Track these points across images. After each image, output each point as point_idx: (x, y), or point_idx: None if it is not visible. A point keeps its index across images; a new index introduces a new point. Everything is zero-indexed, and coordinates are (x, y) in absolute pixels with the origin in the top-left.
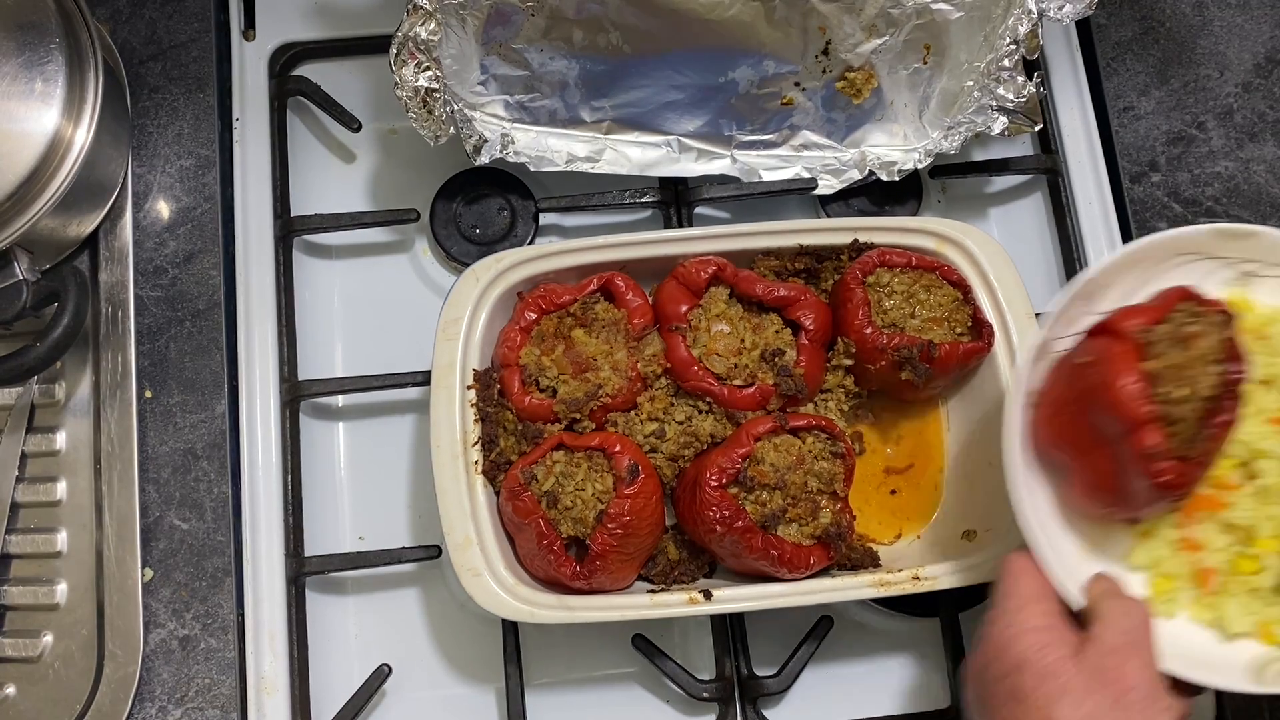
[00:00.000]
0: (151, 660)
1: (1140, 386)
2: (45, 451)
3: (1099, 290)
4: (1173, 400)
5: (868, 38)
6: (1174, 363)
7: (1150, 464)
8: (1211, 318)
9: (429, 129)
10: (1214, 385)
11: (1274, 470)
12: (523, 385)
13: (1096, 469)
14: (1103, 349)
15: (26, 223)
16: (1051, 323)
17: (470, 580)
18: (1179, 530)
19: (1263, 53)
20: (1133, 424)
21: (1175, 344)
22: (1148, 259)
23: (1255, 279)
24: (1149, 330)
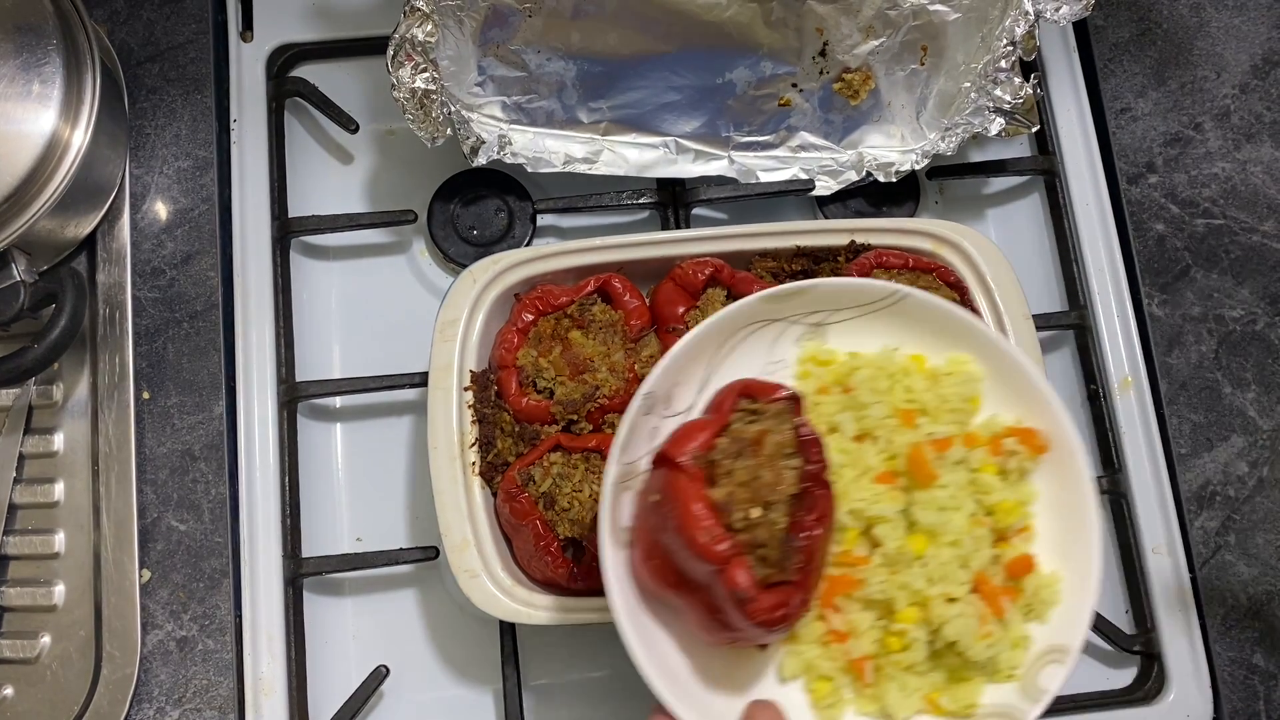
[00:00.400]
0: (149, 661)
1: (711, 524)
2: (43, 453)
3: (669, 394)
4: (751, 523)
5: (865, 39)
6: (743, 479)
7: (744, 605)
8: (773, 409)
9: (426, 130)
10: (793, 482)
11: (893, 533)
12: (520, 386)
13: (704, 607)
14: (668, 483)
15: (24, 224)
16: (619, 452)
17: (468, 581)
18: (823, 623)
19: (1260, 54)
20: (715, 564)
21: (740, 455)
22: (708, 345)
23: (827, 326)
24: (709, 450)
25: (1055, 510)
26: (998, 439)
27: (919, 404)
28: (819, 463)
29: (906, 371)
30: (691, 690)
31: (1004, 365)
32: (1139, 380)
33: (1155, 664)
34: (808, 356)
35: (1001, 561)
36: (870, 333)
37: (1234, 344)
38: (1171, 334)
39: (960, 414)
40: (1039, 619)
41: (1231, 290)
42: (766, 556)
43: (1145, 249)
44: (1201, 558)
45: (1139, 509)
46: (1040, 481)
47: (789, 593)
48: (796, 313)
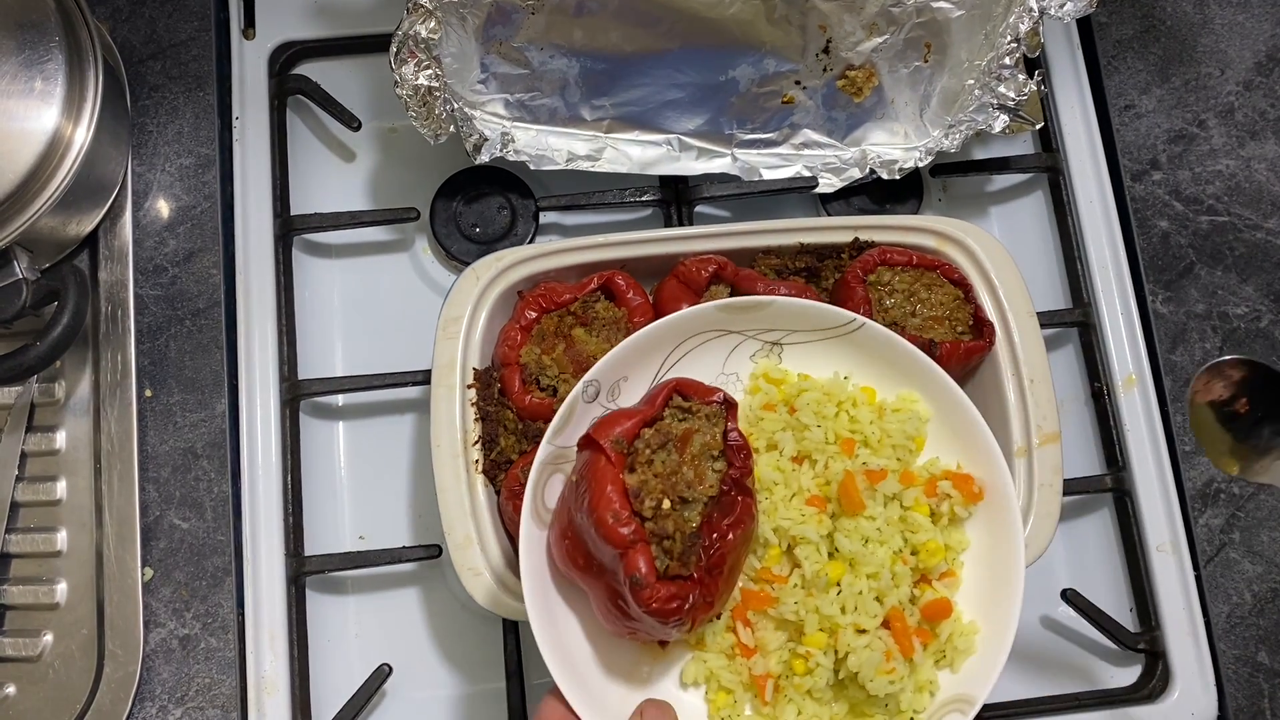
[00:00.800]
0: (152, 660)
1: (619, 507)
2: (45, 451)
3: (615, 386)
4: (660, 513)
5: (868, 36)
6: (661, 470)
7: (638, 591)
8: (707, 410)
9: (429, 128)
10: (715, 484)
11: (812, 556)
12: (523, 384)
13: (606, 593)
14: (589, 465)
15: (26, 221)
16: (552, 433)
17: (471, 579)
18: (732, 635)
19: (1264, 51)
20: (617, 547)
21: (664, 448)
22: (661, 345)
23: (784, 346)
24: (635, 437)
25: (984, 561)
26: (934, 480)
27: (862, 435)
28: (742, 469)
29: (854, 401)
30: (588, 678)
31: (952, 409)
32: (1143, 378)
33: (1160, 662)
34: (760, 372)
35: (919, 602)
36: (825, 358)
37: (1238, 341)
38: (1175, 331)
39: (901, 450)
40: (950, 666)
41: (1236, 287)
42: (670, 549)
43: (1149, 246)
44: (1206, 555)
45: (1143, 507)
46: (973, 531)
47: (687, 588)
48: (754, 328)
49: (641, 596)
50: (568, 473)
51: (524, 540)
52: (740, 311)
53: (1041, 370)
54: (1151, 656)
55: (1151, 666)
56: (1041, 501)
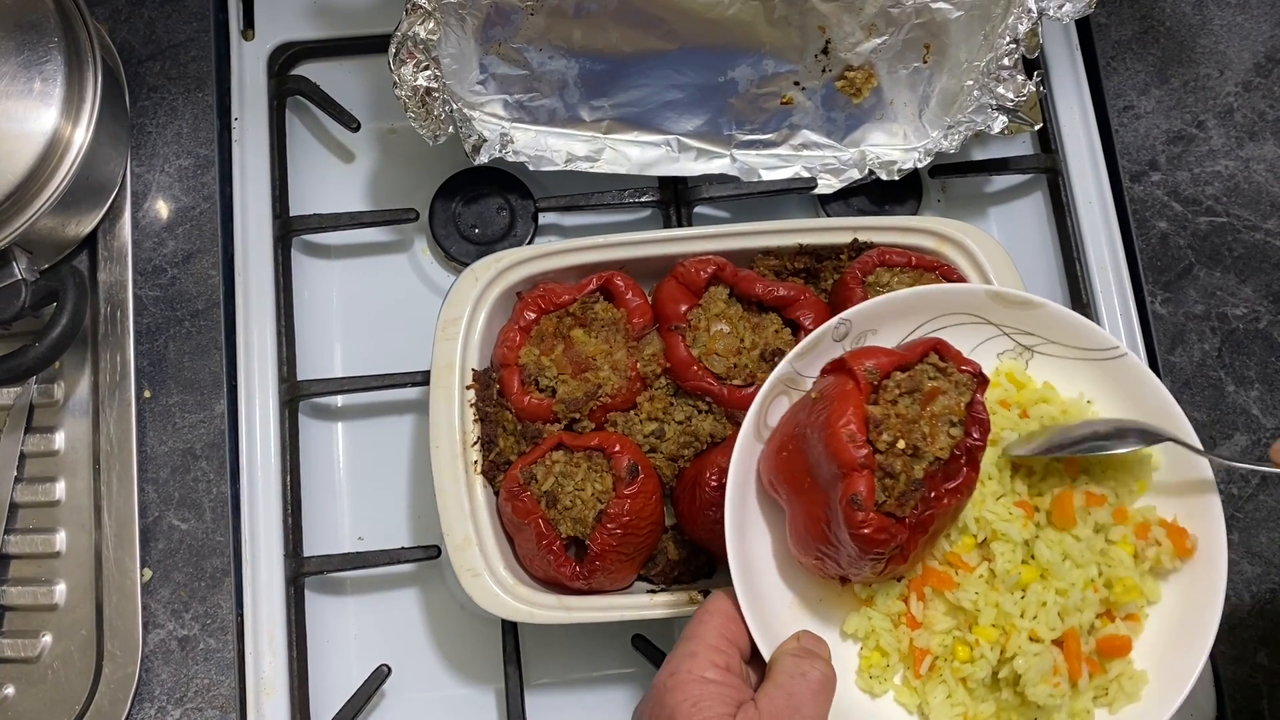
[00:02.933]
0: (150, 661)
1: (857, 429)
2: (44, 452)
3: (863, 335)
4: (893, 451)
5: (867, 37)
6: (903, 413)
7: (853, 513)
8: (958, 377)
9: (428, 128)
10: (946, 448)
11: (1008, 555)
12: (522, 385)
13: (809, 513)
14: (834, 386)
15: (25, 222)
16: (794, 355)
17: (470, 580)
18: (902, 603)
19: (1263, 52)
20: (844, 467)
21: (911, 395)
22: (920, 310)
23: (1035, 353)
24: (886, 375)
25: (1173, 620)
26: (1148, 525)
27: (1087, 461)
28: (979, 442)
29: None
30: (761, 590)
31: (1184, 463)
32: None
33: None
34: (1005, 370)
35: (1098, 634)
36: (1072, 378)
37: (1237, 342)
38: (1174, 332)
39: (1122, 489)
40: (1109, 706)
41: (1234, 288)
42: (891, 488)
43: (1148, 247)
44: None
45: None
46: (1170, 590)
47: (897, 529)
48: (1014, 326)
49: (855, 519)
50: (793, 399)
51: (738, 449)
52: (1008, 304)
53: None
54: None
55: None
56: None
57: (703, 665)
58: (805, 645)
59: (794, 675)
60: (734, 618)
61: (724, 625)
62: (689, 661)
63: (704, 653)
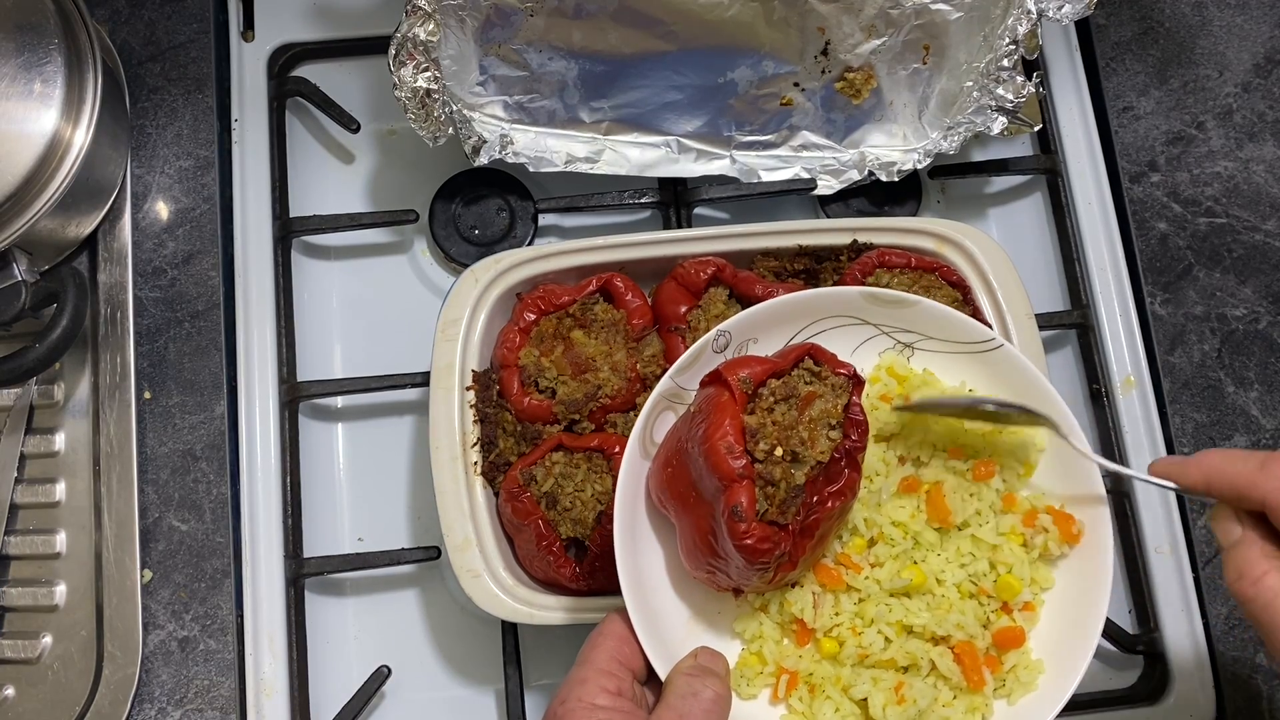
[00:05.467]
0: (150, 662)
1: (735, 440)
2: (44, 453)
3: (744, 344)
4: (772, 459)
5: (867, 38)
6: (780, 420)
7: (735, 524)
8: (834, 380)
9: (428, 130)
10: (826, 450)
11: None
12: (522, 386)
13: (697, 527)
14: (711, 399)
15: (25, 224)
16: (676, 370)
17: (469, 581)
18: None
19: (1262, 53)
20: (724, 479)
21: (787, 401)
22: (798, 316)
23: (916, 349)
24: (761, 383)
25: (1064, 606)
26: (1034, 512)
27: (971, 447)
28: (857, 443)
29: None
30: (656, 609)
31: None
32: (1141, 379)
33: (1159, 664)
34: (886, 365)
35: (993, 627)
36: (954, 370)
37: (1237, 343)
38: (1174, 333)
39: (1008, 473)
40: (1008, 698)
41: (1234, 289)
42: (772, 496)
43: (1148, 248)
44: (1204, 557)
45: (1142, 509)
46: (1061, 574)
47: (781, 537)
48: (892, 325)
49: (737, 529)
50: (679, 412)
51: (624, 468)
52: (884, 304)
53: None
54: (1150, 658)
55: (1150, 668)
56: None
57: (593, 691)
58: (701, 663)
59: (686, 695)
60: (627, 639)
61: (616, 648)
62: (579, 688)
63: (594, 678)
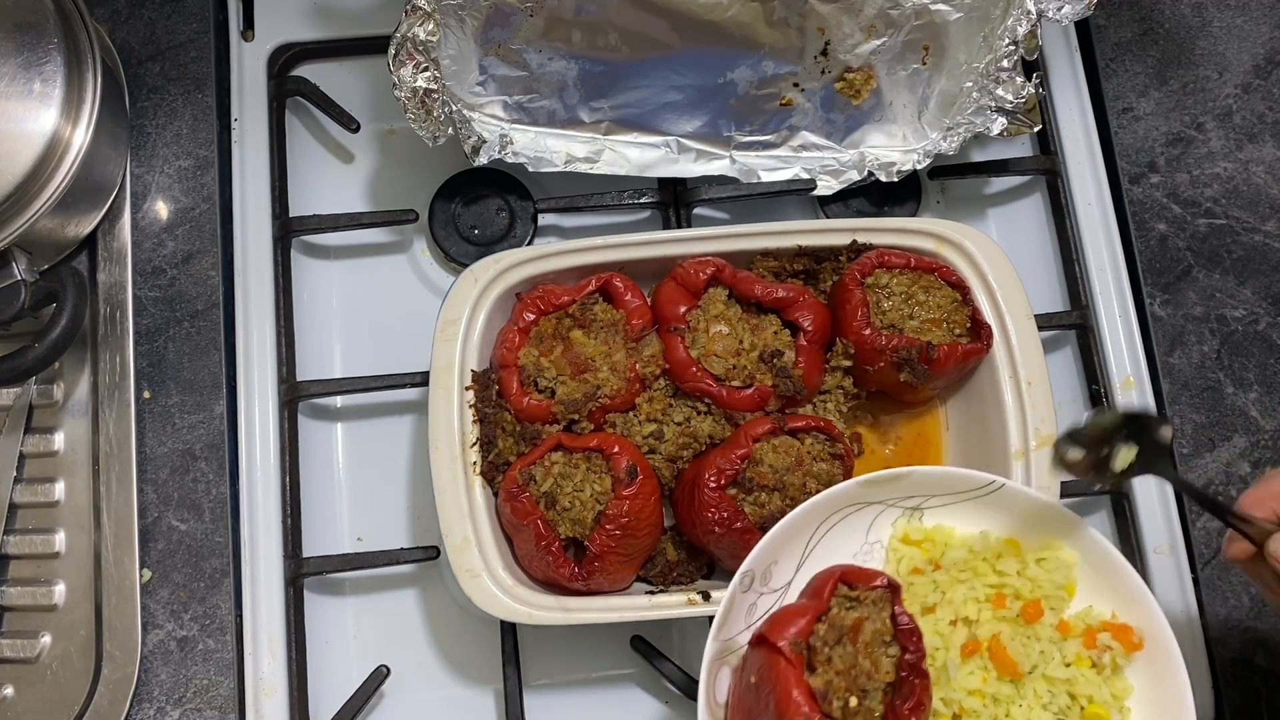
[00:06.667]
0: (150, 661)
1: (810, 712)
2: (43, 452)
3: (767, 571)
4: (849, 712)
5: (867, 38)
6: (841, 667)
7: None
8: (873, 596)
9: (427, 129)
10: (891, 670)
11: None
12: (521, 386)
13: None
14: (767, 667)
15: (25, 223)
16: (716, 629)
17: (469, 581)
18: None
19: (1262, 54)
20: None
21: (839, 641)
22: (807, 525)
23: (924, 510)
24: (810, 636)
25: (1150, 704)
26: (1093, 633)
27: (1012, 587)
28: (917, 652)
29: (999, 554)
30: None
31: (1096, 555)
32: (1141, 380)
33: None
34: (900, 535)
35: None
36: (964, 517)
37: (1236, 344)
38: (1173, 334)
39: (1054, 600)
40: None
41: (1233, 290)
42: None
43: (1147, 249)
44: (1204, 558)
45: (1141, 510)
46: (1135, 675)
47: None
48: (894, 497)
49: None
50: (733, 664)
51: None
52: (880, 485)
53: (1039, 372)
54: None
55: None
56: None
57: None
58: None
59: None
60: None
61: None
62: None
63: None
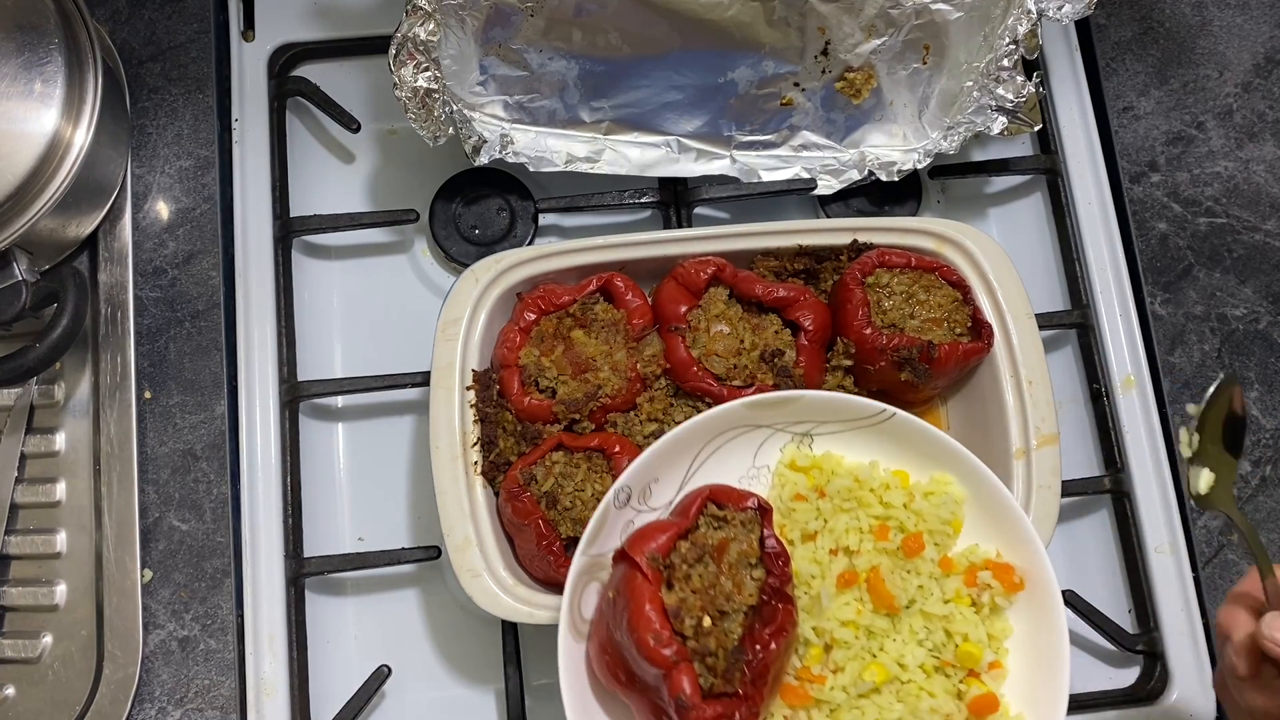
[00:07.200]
0: (151, 661)
1: (660, 626)
2: (44, 452)
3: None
4: (702, 631)
5: (867, 38)
6: (699, 586)
7: (684, 713)
8: (741, 517)
9: (428, 129)
10: (754, 593)
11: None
12: (522, 386)
13: (651, 708)
14: (625, 581)
15: (26, 223)
16: (586, 543)
17: (470, 581)
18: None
19: (1262, 53)
20: (660, 668)
21: (700, 560)
22: (690, 445)
23: (813, 436)
24: (670, 553)
25: (1028, 649)
26: (974, 569)
27: (896, 520)
28: (781, 577)
29: (886, 485)
30: None
31: (986, 492)
32: (1141, 379)
33: (1158, 664)
34: (787, 461)
35: (966, 698)
36: (855, 446)
37: (1237, 343)
38: (1174, 333)
39: (939, 535)
40: None
41: (1234, 289)
42: (714, 666)
43: (1148, 248)
44: (1204, 557)
45: (1141, 508)
46: (1016, 618)
47: (733, 705)
48: (783, 421)
49: (688, 718)
50: (603, 581)
51: (562, 653)
52: (767, 407)
53: (1040, 372)
54: (1150, 658)
55: (1150, 668)
56: (1040, 503)
57: None
58: None
59: None
60: None
61: None
62: None
63: None
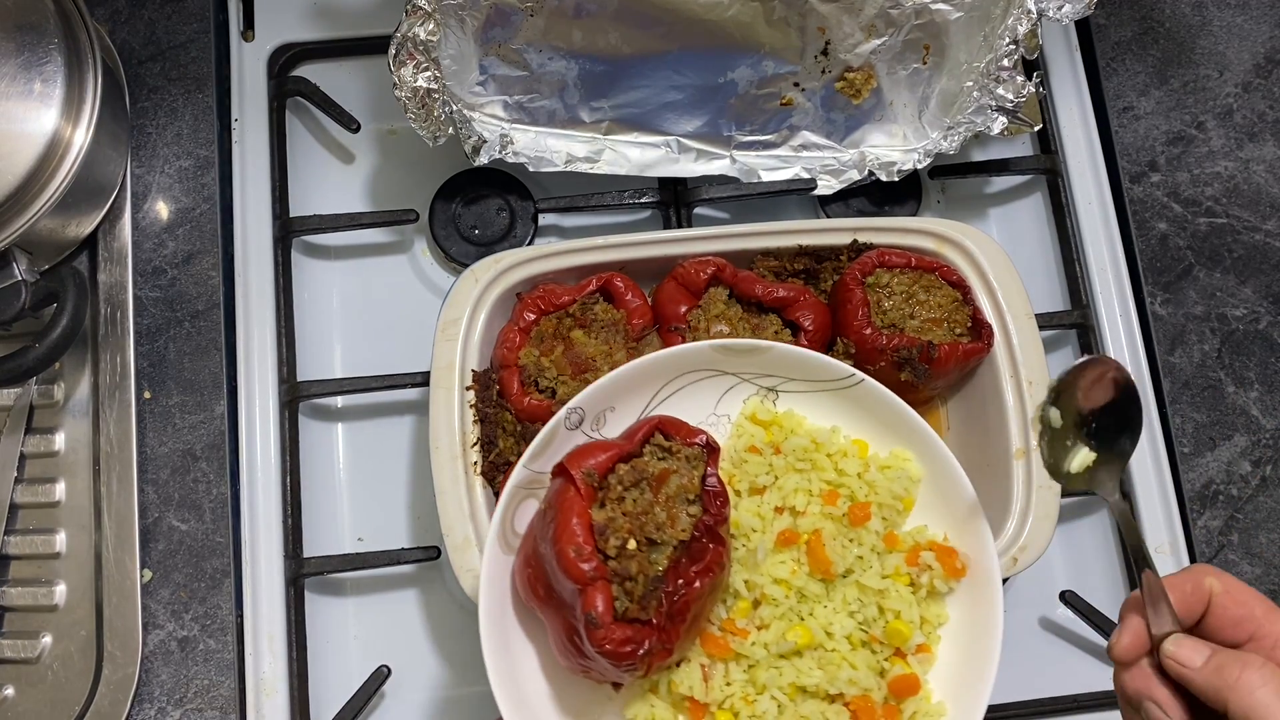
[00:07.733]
0: (150, 661)
1: (583, 540)
2: (44, 452)
3: (601, 415)
4: (625, 553)
5: (867, 38)
6: (631, 509)
7: (592, 631)
8: (688, 452)
9: (428, 129)
10: (687, 528)
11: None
12: (522, 386)
13: (564, 626)
14: (558, 493)
15: (25, 223)
16: (529, 457)
17: (470, 581)
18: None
19: (1262, 53)
20: (577, 583)
21: (637, 485)
22: (653, 378)
23: (779, 393)
24: (607, 472)
25: (961, 641)
26: (918, 549)
27: (848, 488)
28: (717, 516)
29: (844, 453)
30: (538, 712)
31: (945, 475)
32: (1141, 379)
33: None
34: (749, 413)
35: (889, 676)
36: (820, 409)
37: (1237, 343)
38: (1174, 333)
39: (888, 510)
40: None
41: (1234, 289)
42: (631, 591)
43: (1148, 248)
44: (1205, 557)
45: (1142, 508)
46: (954, 607)
47: (644, 633)
48: (751, 371)
49: (595, 636)
50: (540, 497)
51: (487, 564)
52: (737, 354)
53: (1040, 372)
54: None
55: None
56: (1040, 503)
57: None
58: None
59: None
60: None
61: None
62: None
63: None
